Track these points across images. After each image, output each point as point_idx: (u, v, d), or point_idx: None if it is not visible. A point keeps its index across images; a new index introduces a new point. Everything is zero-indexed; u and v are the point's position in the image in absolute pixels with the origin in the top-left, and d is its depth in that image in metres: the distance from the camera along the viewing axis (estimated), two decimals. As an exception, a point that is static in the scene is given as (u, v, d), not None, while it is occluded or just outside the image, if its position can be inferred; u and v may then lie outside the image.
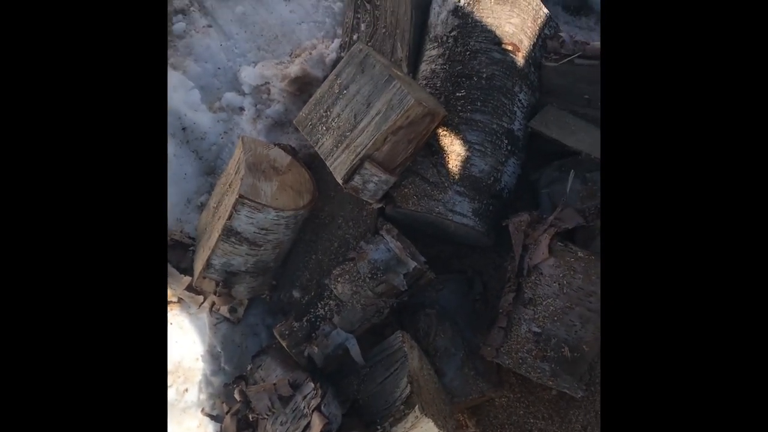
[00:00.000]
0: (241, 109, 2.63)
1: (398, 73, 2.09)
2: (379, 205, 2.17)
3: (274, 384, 2.00)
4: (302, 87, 2.52)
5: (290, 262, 2.35)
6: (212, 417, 2.29)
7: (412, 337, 2.06)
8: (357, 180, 2.00)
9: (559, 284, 1.97)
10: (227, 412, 2.21)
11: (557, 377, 1.96)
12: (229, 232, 2.08)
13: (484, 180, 2.11)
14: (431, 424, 1.83)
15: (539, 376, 1.96)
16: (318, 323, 2.06)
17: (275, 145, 2.33)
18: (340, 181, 2.00)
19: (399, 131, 1.94)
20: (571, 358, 1.97)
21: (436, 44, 2.26)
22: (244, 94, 2.64)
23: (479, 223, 2.10)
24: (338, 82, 2.08)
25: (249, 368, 2.20)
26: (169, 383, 2.48)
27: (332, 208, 2.33)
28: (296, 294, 2.30)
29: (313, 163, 2.39)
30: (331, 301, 2.08)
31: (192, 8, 2.81)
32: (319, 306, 2.08)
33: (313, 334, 2.05)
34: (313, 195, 2.23)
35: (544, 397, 2.08)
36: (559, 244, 1.98)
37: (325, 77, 2.50)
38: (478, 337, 2.15)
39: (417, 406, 1.82)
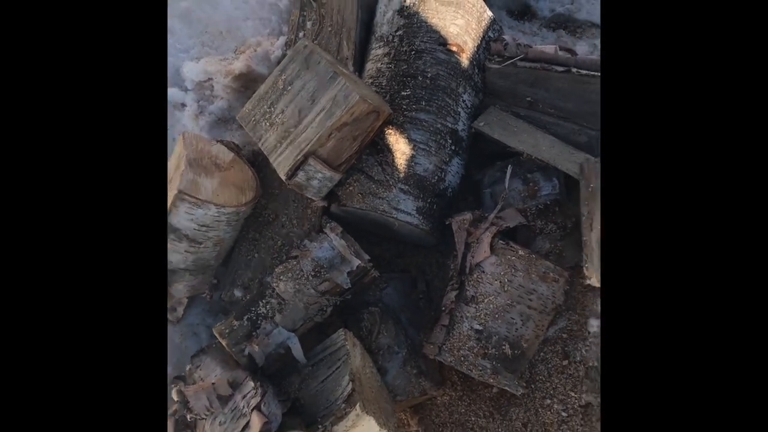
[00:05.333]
0: (183, 105, 2.57)
1: (343, 70, 2.08)
2: (323, 203, 2.15)
3: (213, 383, 1.96)
4: (246, 83, 2.48)
5: (232, 260, 2.30)
6: (148, 420, 2.21)
7: (355, 336, 2.05)
8: (301, 176, 1.97)
9: (500, 282, 2.00)
10: (164, 414, 2.14)
11: (498, 374, 1.98)
12: (168, 228, 2.02)
13: (429, 179, 2.12)
14: (372, 422, 1.82)
15: (480, 373, 1.98)
16: (259, 322, 2.02)
17: (218, 141, 2.29)
18: (283, 177, 1.97)
19: (343, 128, 1.93)
20: (512, 355, 1.99)
21: (381, 43, 2.27)
22: (186, 90, 2.58)
23: (423, 222, 2.11)
24: (282, 77, 2.06)
25: (188, 368, 2.14)
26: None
27: (276, 205, 2.29)
28: (238, 293, 2.25)
29: (256, 161, 2.36)
30: (272, 300, 2.04)
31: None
32: (261, 304, 2.04)
33: (254, 333, 2.01)
34: (256, 192, 2.20)
35: (485, 394, 2.09)
36: (501, 242, 2.00)
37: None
38: (420, 335, 2.15)
39: (358, 404, 1.80)
